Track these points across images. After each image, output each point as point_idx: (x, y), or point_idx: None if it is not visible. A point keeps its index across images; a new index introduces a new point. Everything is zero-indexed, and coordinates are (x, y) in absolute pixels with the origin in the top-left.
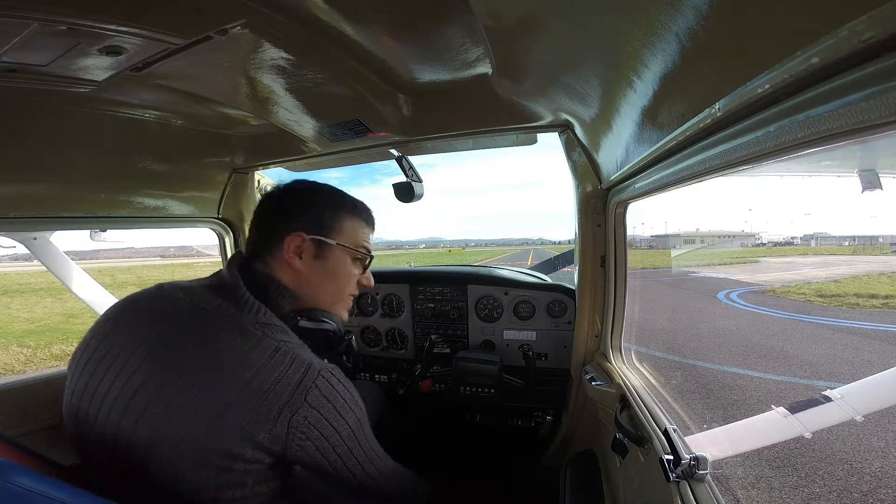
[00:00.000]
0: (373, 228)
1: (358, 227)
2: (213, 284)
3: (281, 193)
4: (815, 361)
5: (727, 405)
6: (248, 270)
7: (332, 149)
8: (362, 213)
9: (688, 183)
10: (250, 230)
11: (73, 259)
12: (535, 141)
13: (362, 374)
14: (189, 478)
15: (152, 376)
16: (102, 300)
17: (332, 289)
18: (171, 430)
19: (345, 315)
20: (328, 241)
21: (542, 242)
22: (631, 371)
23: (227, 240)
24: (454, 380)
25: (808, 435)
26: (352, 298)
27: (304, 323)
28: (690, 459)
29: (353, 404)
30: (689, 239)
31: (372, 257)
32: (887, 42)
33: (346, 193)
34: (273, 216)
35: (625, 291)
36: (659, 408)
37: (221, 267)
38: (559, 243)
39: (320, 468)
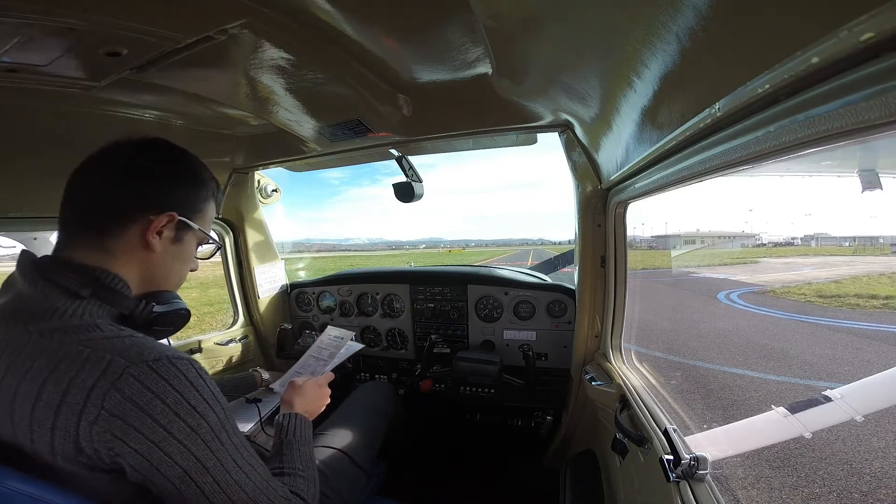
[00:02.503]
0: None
1: (213, 211)
2: (8, 301)
3: (144, 153)
4: (815, 362)
5: (727, 405)
6: (58, 266)
7: (332, 149)
8: (219, 195)
9: (688, 183)
10: (75, 195)
11: None
12: (535, 141)
13: (362, 374)
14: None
15: None
16: None
17: (178, 275)
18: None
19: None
20: (193, 225)
21: (542, 242)
22: (631, 371)
23: (227, 240)
24: (454, 380)
25: (808, 435)
26: None
27: (159, 308)
28: (690, 459)
29: (178, 407)
30: (689, 239)
31: (220, 247)
32: (887, 42)
33: (206, 167)
34: (134, 184)
35: (625, 291)
36: (659, 408)
37: (222, 266)
38: (559, 243)
39: (162, 491)
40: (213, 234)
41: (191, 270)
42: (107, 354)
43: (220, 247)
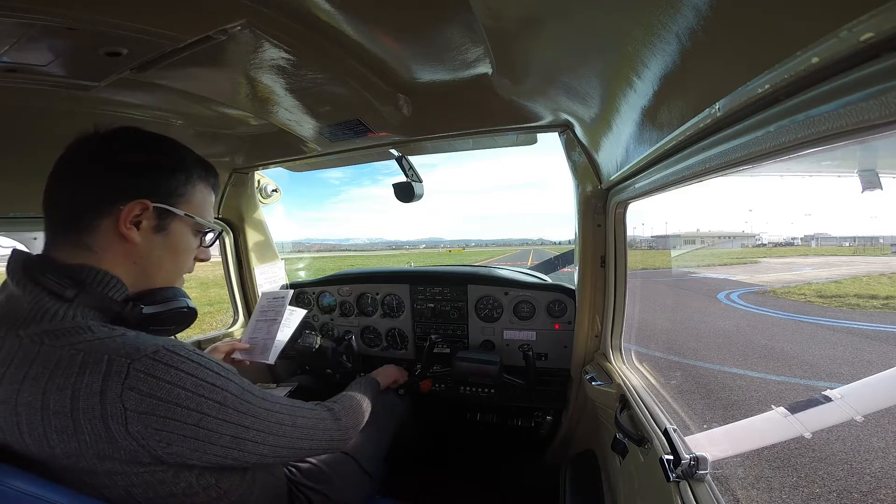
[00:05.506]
0: (217, 194)
1: (206, 195)
2: (1, 303)
3: (109, 143)
4: (815, 362)
5: (727, 405)
6: (44, 268)
7: (331, 149)
8: (211, 178)
9: (688, 183)
10: (50, 192)
11: None
12: (535, 141)
13: (362, 374)
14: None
15: None
16: None
17: (172, 266)
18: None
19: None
20: (176, 211)
21: (542, 242)
22: (631, 371)
23: (227, 239)
24: (454, 380)
25: (808, 435)
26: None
27: (149, 309)
28: (690, 459)
29: (200, 389)
30: (689, 239)
31: (221, 232)
32: (887, 42)
33: (192, 150)
34: (99, 174)
35: (625, 291)
36: (659, 408)
37: (222, 266)
38: (559, 243)
39: (223, 464)
40: (206, 219)
41: (200, 260)
42: (104, 355)
43: (221, 231)
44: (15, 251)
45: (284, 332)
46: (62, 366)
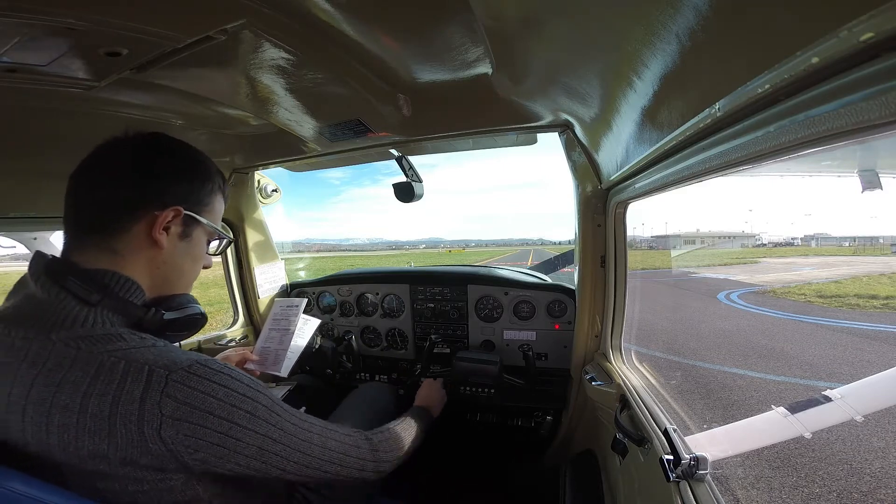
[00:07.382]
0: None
1: (221, 205)
2: (20, 305)
3: (146, 148)
4: (815, 362)
5: (727, 405)
6: (68, 272)
7: (331, 149)
8: (226, 188)
9: (688, 183)
10: (77, 195)
11: None
12: (535, 141)
13: (362, 374)
14: (103, 489)
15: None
16: None
17: (191, 273)
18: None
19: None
20: (201, 219)
21: (542, 242)
22: (631, 371)
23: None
24: (454, 380)
25: (808, 435)
26: None
27: (169, 315)
28: (690, 459)
29: (231, 399)
30: (689, 239)
31: (231, 241)
32: (887, 42)
33: (212, 160)
34: (137, 179)
35: (625, 291)
36: (659, 408)
37: (222, 266)
38: (559, 243)
39: (244, 474)
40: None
41: (204, 267)
42: (144, 365)
43: (232, 241)
44: (38, 253)
45: (298, 343)
46: (104, 372)
